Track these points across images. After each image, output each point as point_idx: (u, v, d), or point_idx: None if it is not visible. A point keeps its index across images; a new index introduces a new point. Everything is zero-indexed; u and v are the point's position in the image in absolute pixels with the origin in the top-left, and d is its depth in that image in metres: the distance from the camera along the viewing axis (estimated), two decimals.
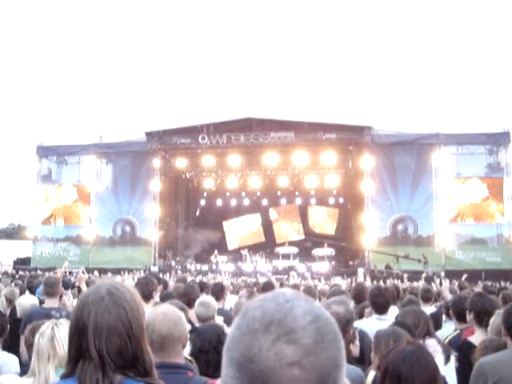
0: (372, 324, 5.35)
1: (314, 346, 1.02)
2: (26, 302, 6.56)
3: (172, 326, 2.99)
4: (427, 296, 7.85)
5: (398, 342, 3.47)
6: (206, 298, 5.83)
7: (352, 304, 7.64)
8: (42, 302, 7.03)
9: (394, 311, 6.33)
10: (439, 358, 4.38)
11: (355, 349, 4.04)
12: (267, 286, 8.41)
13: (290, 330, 1.02)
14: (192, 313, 5.66)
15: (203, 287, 8.32)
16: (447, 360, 4.42)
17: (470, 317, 5.22)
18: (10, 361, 4.65)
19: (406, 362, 2.70)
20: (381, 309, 5.87)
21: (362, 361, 4.30)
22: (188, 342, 3.38)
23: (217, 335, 4.12)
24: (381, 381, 2.81)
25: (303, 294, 1.15)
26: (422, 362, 2.77)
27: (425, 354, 2.86)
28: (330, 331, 1.07)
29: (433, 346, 4.40)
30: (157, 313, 3.07)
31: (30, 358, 3.56)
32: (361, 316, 6.37)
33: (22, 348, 4.72)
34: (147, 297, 5.70)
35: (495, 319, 4.56)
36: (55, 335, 3.22)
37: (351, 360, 3.80)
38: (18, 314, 6.56)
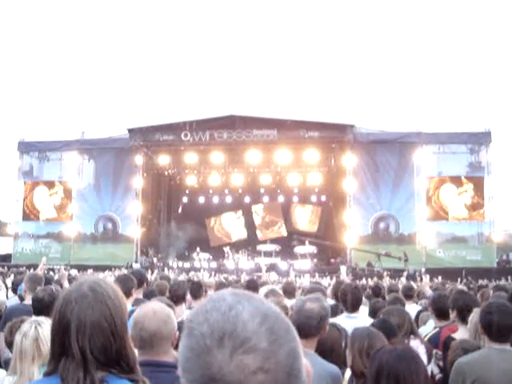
0: (342, 322, 5.38)
1: (271, 347, 1.01)
2: None
3: (161, 323, 2.97)
4: (409, 294, 7.92)
5: (373, 343, 3.50)
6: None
7: (333, 301, 7.69)
8: (22, 299, 6.97)
9: (364, 310, 6.41)
10: (422, 359, 4.42)
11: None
12: (251, 284, 8.41)
13: (243, 339, 1.00)
14: (177, 310, 5.66)
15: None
16: (429, 360, 4.46)
17: (452, 314, 5.27)
18: None
19: (402, 362, 2.73)
20: (351, 307, 5.92)
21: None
22: None
23: None
24: (374, 382, 2.81)
25: (242, 291, 1.13)
26: (416, 361, 2.81)
27: (415, 353, 2.90)
28: (282, 326, 1.06)
29: (415, 347, 4.44)
30: (146, 310, 3.04)
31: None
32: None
33: (2, 345, 4.67)
34: (126, 294, 5.67)
35: (473, 317, 4.60)
36: (39, 335, 3.20)
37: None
38: None
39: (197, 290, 7.42)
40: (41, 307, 4.95)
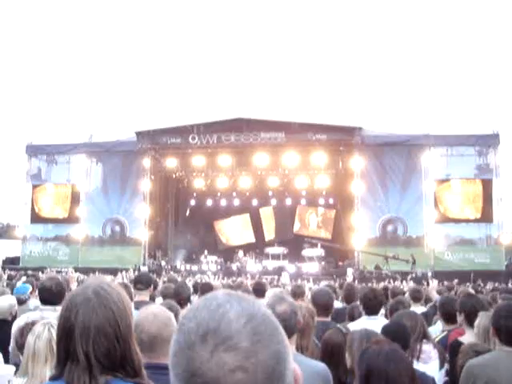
0: (363, 324, 5.36)
1: (253, 347, 1.02)
2: (4, 302, 6.46)
3: (162, 326, 2.97)
4: (417, 296, 7.89)
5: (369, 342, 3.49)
6: None
7: (343, 304, 7.71)
8: (21, 302, 6.99)
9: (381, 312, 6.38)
10: (434, 364, 4.37)
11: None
12: (258, 287, 8.40)
13: (225, 337, 1.02)
14: (184, 312, 5.65)
15: (197, 288, 8.27)
16: (442, 365, 4.42)
17: (460, 318, 5.24)
18: None
19: (391, 364, 2.72)
20: (373, 311, 5.90)
21: None
22: None
23: None
24: (364, 382, 2.80)
25: (236, 293, 1.14)
26: (404, 362, 2.81)
27: (403, 354, 2.90)
28: (268, 327, 1.07)
29: (428, 351, 4.39)
30: (146, 313, 3.04)
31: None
32: (351, 316, 6.38)
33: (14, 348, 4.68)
34: None
35: (480, 320, 4.57)
36: (53, 337, 3.18)
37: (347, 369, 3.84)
38: None
39: (207, 292, 7.39)
40: (48, 296, 5.00)
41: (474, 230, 30.37)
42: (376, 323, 5.24)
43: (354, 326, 5.07)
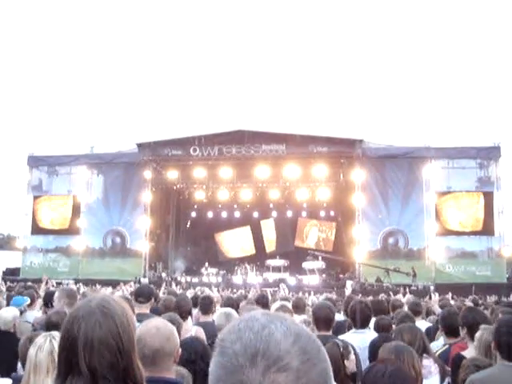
0: (349, 337, 5.34)
1: (303, 366, 1.01)
2: (8, 314, 6.44)
3: (164, 340, 2.94)
4: (417, 309, 7.80)
5: (400, 356, 3.45)
6: (226, 309, 5.88)
7: (343, 317, 7.69)
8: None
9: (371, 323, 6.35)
10: (435, 379, 4.34)
11: (351, 364, 4.00)
12: (261, 300, 8.37)
13: (276, 358, 1.00)
14: (185, 325, 5.64)
15: (196, 301, 8.23)
16: (442, 380, 4.38)
17: (462, 332, 5.21)
18: None
19: (396, 381, 2.70)
20: (360, 324, 5.89)
21: (354, 377, 4.24)
22: None
23: (201, 346, 4.16)
24: None
25: (274, 313, 1.14)
26: (408, 379, 2.78)
27: (407, 373, 2.88)
28: (314, 346, 1.06)
29: (428, 366, 4.35)
30: (149, 327, 3.01)
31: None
32: (351, 329, 6.37)
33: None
34: None
35: (482, 334, 4.55)
36: (54, 348, 3.17)
37: (344, 377, 3.79)
38: (1, 327, 6.41)
39: (207, 305, 7.37)
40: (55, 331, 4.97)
41: (475, 243, 30.29)
42: (362, 337, 5.22)
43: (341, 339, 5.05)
